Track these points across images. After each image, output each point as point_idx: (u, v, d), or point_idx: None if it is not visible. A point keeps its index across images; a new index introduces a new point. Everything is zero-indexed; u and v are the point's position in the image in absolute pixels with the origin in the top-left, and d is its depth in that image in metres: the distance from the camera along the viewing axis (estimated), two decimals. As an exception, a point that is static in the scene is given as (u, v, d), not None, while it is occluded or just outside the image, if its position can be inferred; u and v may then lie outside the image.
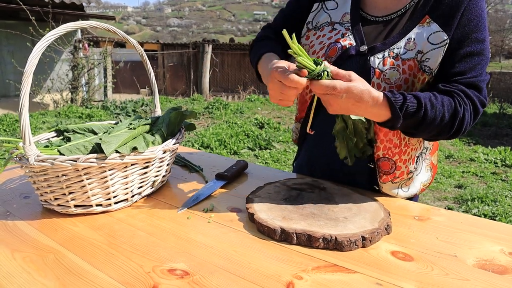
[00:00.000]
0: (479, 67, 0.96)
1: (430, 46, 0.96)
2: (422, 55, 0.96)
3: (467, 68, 0.96)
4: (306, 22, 1.14)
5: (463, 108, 0.93)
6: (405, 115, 0.89)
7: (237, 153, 5.24)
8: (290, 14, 1.20)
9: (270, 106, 9.32)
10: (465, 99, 0.94)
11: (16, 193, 1.11)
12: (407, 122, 0.91)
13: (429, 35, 0.96)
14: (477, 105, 0.95)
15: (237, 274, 0.72)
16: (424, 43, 0.96)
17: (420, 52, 0.96)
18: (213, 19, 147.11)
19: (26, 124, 0.84)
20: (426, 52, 0.96)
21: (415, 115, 0.90)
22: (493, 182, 4.24)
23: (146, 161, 1.01)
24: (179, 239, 0.85)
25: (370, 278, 0.72)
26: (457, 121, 0.93)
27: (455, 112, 0.92)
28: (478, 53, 0.96)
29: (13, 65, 8.09)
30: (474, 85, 0.96)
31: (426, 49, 0.96)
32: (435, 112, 0.91)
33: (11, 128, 5.98)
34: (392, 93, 0.90)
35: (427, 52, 0.96)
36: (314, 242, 0.81)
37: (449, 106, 0.92)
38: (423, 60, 0.96)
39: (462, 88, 0.94)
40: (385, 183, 1.11)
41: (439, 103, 0.91)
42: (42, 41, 0.86)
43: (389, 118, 0.90)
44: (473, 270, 0.75)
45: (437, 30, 0.96)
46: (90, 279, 0.71)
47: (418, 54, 0.96)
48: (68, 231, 0.89)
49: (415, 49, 0.97)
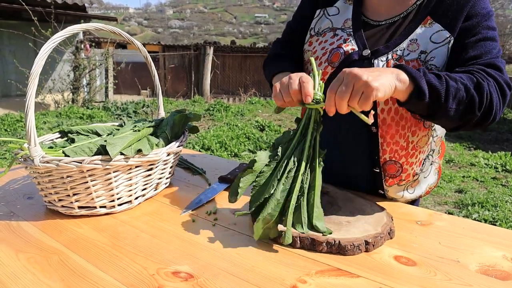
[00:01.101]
0: (495, 52, 0.94)
1: (433, 45, 0.97)
2: (425, 55, 0.97)
3: (482, 52, 0.93)
4: (309, 28, 1.16)
5: (487, 83, 0.85)
6: (427, 81, 0.81)
7: (237, 156, 5.24)
8: (296, 26, 1.22)
9: (271, 108, 9.33)
10: (486, 76, 0.87)
11: (19, 194, 1.11)
12: (433, 94, 0.81)
13: (432, 34, 0.97)
14: (501, 84, 0.88)
15: (241, 277, 0.73)
16: (427, 42, 0.97)
17: (423, 52, 0.97)
18: (215, 21, 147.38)
19: (32, 125, 0.85)
20: (429, 51, 0.97)
21: (438, 82, 0.81)
22: (494, 187, 4.24)
23: (150, 163, 1.02)
24: (183, 242, 0.85)
25: (373, 282, 0.72)
26: (485, 95, 0.84)
27: (479, 85, 0.84)
28: (491, 38, 0.94)
29: (14, 65, 8.11)
30: (493, 65, 0.91)
31: (430, 48, 0.97)
32: (456, 82, 0.82)
33: (12, 128, 5.99)
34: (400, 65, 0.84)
35: (431, 51, 0.97)
36: (318, 246, 0.81)
37: (470, 80, 0.84)
38: (428, 60, 0.97)
39: (481, 67, 0.88)
40: (391, 186, 1.11)
41: (458, 76, 0.84)
42: (48, 42, 0.87)
43: (413, 86, 0.81)
44: (476, 275, 0.75)
45: (439, 29, 0.97)
46: (95, 281, 0.71)
47: (421, 54, 0.97)
48: (72, 232, 0.89)
49: (418, 50, 0.97)
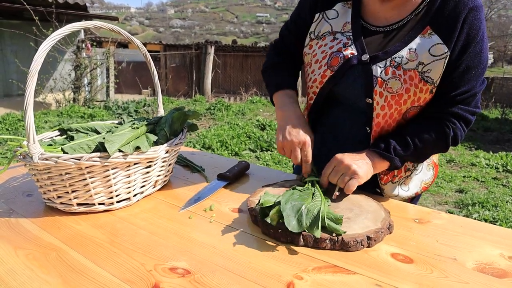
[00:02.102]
0: (474, 78, 1.00)
1: (431, 57, 0.97)
2: (423, 66, 0.97)
3: (462, 82, 1.00)
4: (309, 32, 1.15)
5: (453, 129, 1.02)
6: (399, 155, 1.03)
7: (238, 155, 5.25)
8: (295, 30, 1.22)
9: (271, 108, 9.33)
10: (454, 120, 1.02)
11: (19, 191, 1.12)
12: (406, 158, 1.04)
13: (430, 46, 0.97)
14: (467, 118, 1.03)
15: (238, 273, 0.73)
16: (426, 54, 0.97)
17: (421, 63, 0.97)
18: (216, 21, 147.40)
19: (30, 122, 0.85)
20: (427, 63, 0.97)
21: (407, 152, 1.02)
22: (494, 187, 4.24)
23: (149, 160, 1.02)
24: (180, 238, 0.86)
25: (370, 279, 0.72)
26: (449, 140, 1.03)
27: (445, 135, 1.03)
28: (475, 66, 0.99)
29: (16, 64, 8.13)
30: (466, 99, 1.01)
31: (427, 60, 0.97)
32: (425, 142, 1.02)
33: (14, 127, 6.01)
34: (376, 145, 1.03)
35: (428, 64, 0.97)
36: (321, 243, 0.82)
37: (438, 133, 1.02)
38: (425, 71, 0.97)
39: (452, 111, 1.02)
40: (386, 183, 1.12)
41: (428, 133, 1.02)
42: (47, 40, 0.87)
43: (388, 165, 1.04)
44: (473, 273, 0.75)
45: (438, 42, 0.97)
46: (92, 277, 0.71)
47: (419, 65, 0.97)
48: (71, 229, 0.90)
49: (416, 60, 0.98)
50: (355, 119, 1.11)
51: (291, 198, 0.87)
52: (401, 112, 1.03)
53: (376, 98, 1.01)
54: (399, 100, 1.00)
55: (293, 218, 0.82)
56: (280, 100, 1.17)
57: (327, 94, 1.12)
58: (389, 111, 1.02)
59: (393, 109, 1.01)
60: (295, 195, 0.89)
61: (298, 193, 0.91)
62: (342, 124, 1.16)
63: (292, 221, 0.82)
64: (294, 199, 0.87)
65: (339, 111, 1.16)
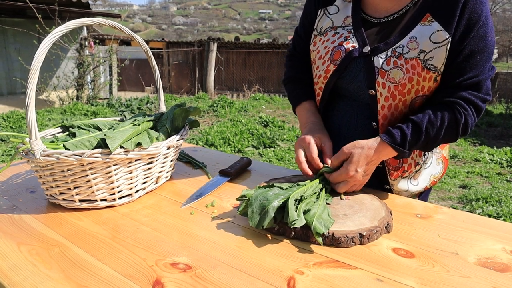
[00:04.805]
0: (481, 64, 0.97)
1: (433, 45, 0.96)
2: (425, 54, 0.97)
3: (468, 68, 0.97)
4: (313, 29, 1.16)
5: (464, 115, 0.99)
6: (410, 146, 0.99)
7: (241, 151, 5.25)
8: (304, 33, 1.24)
9: (274, 104, 9.32)
10: (465, 105, 0.99)
11: (22, 188, 1.12)
12: (415, 147, 1.01)
13: (431, 34, 0.96)
14: (478, 105, 1.00)
15: (239, 268, 0.73)
16: (427, 42, 0.96)
17: (422, 51, 0.97)
18: (219, 18, 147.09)
19: (32, 119, 0.86)
20: (429, 51, 0.96)
21: (418, 141, 0.99)
22: (498, 183, 4.22)
23: (150, 156, 1.02)
24: (182, 234, 0.86)
25: (371, 274, 0.72)
26: (460, 128, 1.00)
27: (456, 122, 0.99)
28: (480, 50, 0.96)
29: (19, 62, 8.17)
30: (474, 85, 0.99)
31: (429, 48, 0.96)
32: (436, 130, 0.99)
33: (18, 125, 6.04)
34: (389, 133, 0.99)
35: (430, 51, 0.96)
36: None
37: (449, 119, 0.99)
38: (427, 59, 0.97)
39: (461, 95, 0.98)
40: (396, 179, 1.12)
41: (439, 120, 0.98)
42: (48, 37, 0.87)
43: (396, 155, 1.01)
44: (474, 267, 0.75)
45: (439, 29, 0.96)
46: (94, 272, 0.72)
47: (420, 53, 0.97)
48: (73, 225, 0.90)
49: (417, 49, 0.97)
50: (361, 114, 1.11)
51: (263, 194, 0.87)
52: (406, 103, 1.02)
53: (379, 89, 1.01)
54: (402, 90, 0.99)
55: (257, 215, 0.83)
56: (299, 116, 1.23)
57: (332, 89, 1.12)
58: (393, 102, 1.01)
59: (397, 99, 1.01)
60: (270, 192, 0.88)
61: (277, 189, 0.90)
62: (347, 120, 1.16)
63: (256, 217, 0.83)
64: (267, 195, 0.86)
65: (345, 106, 1.16)
